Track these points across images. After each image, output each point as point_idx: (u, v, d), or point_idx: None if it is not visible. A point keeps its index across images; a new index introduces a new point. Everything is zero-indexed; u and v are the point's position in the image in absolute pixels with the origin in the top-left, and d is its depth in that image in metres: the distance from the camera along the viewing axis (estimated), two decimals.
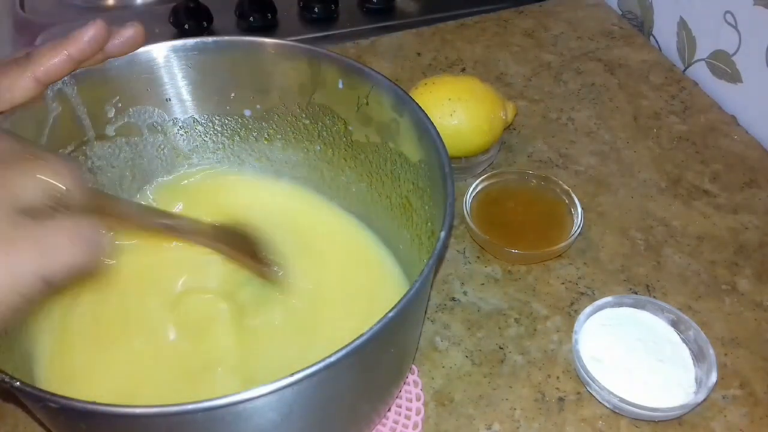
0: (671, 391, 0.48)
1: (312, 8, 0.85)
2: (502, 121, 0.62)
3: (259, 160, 0.55)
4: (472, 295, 0.56)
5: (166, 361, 0.45)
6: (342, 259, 0.52)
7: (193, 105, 0.51)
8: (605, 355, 0.50)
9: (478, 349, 0.53)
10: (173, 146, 0.53)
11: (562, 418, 0.49)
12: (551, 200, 0.61)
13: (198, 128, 0.53)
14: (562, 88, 0.75)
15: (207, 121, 0.52)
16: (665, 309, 0.52)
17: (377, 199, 0.51)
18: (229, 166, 0.55)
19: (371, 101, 0.47)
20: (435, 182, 0.41)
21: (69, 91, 0.45)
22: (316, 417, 0.36)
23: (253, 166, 0.55)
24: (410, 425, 0.47)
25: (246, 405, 0.30)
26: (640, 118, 0.72)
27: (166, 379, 0.44)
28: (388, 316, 0.32)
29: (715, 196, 0.64)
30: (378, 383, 0.40)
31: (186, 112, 0.51)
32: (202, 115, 0.52)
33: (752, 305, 0.56)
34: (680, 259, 0.59)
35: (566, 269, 0.58)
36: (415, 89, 0.62)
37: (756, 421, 0.49)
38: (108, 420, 0.31)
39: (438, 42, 0.81)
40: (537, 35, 0.83)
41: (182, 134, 0.52)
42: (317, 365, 0.30)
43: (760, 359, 0.52)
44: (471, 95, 0.61)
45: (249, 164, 0.55)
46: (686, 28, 0.78)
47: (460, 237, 0.60)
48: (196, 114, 0.52)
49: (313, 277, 0.50)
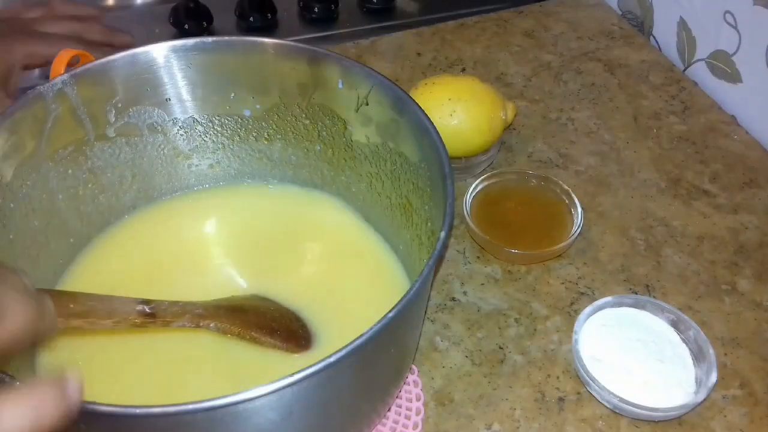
0: (671, 391, 0.48)
1: (312, 8, 0.85)
2: (502, 121, 0.62)
3: (259, 160, 0.55)
4: (472, 295, 0.56)
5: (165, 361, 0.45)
6: (342, 259, 0.52)
7: (193, 105, 0.51)
8: (605, 355, 0.50)
9: (478, 349, 0.53)
10: (173, 146, 0.53)
11: (562, 418, 0.49)
12: (551, 200, 0.61)
13: (198, 128, 0.53)
14: (562, 88, 0.75)
15: (207, 121, 0.52)
16: (665, 309, 0.52)
17: (377, 199, 0.51)
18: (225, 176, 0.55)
19: (371, 101, 0.47)
20: (435, 182, 0.42)
21: (69, 91, 0.45)
22: (316, 417, 0.36)
23: (252, 168, 0.55)
24: (410, 425, 0.47)
25: (246, 405, 0.30)
26: (640, 118, 0.72)
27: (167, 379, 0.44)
28: (388, 316, 0.32)
29: (714, 196, 0.64)
30: (378, 383, 0.40)
31: (186, 112, 0.51)
32: (202, 115, 0.52)
33: (752, 305, 0.56)
34: (680, 259, 0.59)
35: (566, 269, 0.58)
36: (415, 89, 0.62)
37: (756, 421, 0.49)
38: (108, 420, 0.31)
39: (438, 42, 0.81)
40: (537, 35, 0.83)
41: (182, 134, 0.52)
42: (317, 365, 0.30)
43: (760, 359, 0.52)
44: (471, 95, 0.61)
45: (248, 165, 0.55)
46: (686, 28, 0.78)
47: (460, 237, 0.60)
48: (196, 114, 0.52)
49: (312, 277, 0.50)
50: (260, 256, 0.52)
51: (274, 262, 0.51)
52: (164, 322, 0.40)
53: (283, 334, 0.45)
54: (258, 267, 0.51)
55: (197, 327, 0.42)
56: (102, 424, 0.32)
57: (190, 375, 0.44)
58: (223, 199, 0.55)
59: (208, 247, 0.53)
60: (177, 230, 0.53)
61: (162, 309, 0.40)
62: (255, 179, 0.56)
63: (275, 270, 0.50)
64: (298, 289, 0.49)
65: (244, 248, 0.52)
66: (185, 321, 0.41)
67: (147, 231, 0.53)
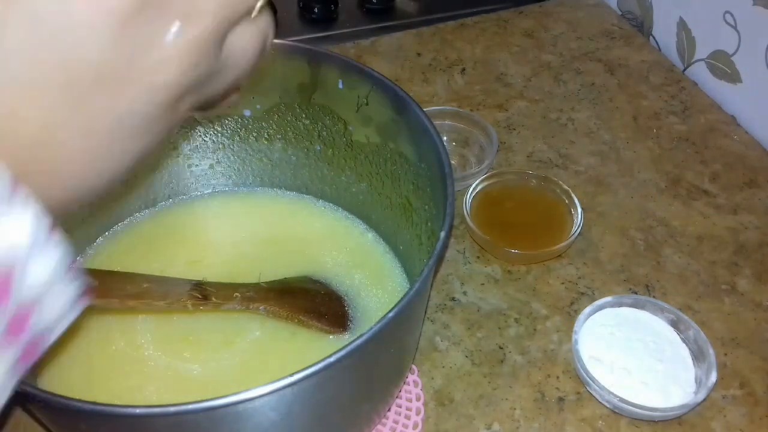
0: (671, 391, 0.48)
1: (312, 8, 0.85)
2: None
3: (259, 160, 0.55)
4: (472, 295, 0.56)
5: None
6: (342, 259, 0.52)
7: None
8: (605, 355, 0.50)
9: (478, 349, 0.53)
10: (173, 146, 0.53)
11: (562, 418, 0.49)
12: (551, 200, 0.61)
13: (198, 128, 0.53)
14: (562, 88, 0.75)
15: (207, 121, 0.52)
16: (665, 309, 0.52)
17: (377, 199, 0.51)
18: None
19: (371, 101, 0.47)
20: (435, 182, 0.42)
21: None
22: (316, 417, 0.36)
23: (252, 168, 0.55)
24: (410, 425, 0.47)
25: (246, 405, 0.30)
26: (640, 118, 0.72)
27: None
28: (388, 316, 0.32)
29: (714, 196, 0.64)
30: (378, 383, 0.40)
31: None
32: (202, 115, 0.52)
33: (752, 305, 0.56)
34: (680, 259, 0.59)
35: (566, 269, 0.58)
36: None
37: (756, 421, 0.49)
38: (108, 420, 0.31)
39: (438, 42, 0.81)
40: (537, 35, 0.83)
41: (182, 134, 0.52)
42: (317, 365, 0.30)
43: (759, 359, 0.52)
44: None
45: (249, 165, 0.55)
46: (686, 28, 0.78)
47: (460, 237, 0.60)
48: (196, 114, 0.52)
49: (312, 277, 0.50)
50: (260, 257, 0.52)
51: (274, 263, 0.51)
52: (215, 304, 0.41)
53: (331, 318, 0.45)
54: (258, 268, 0.51)
55: (247, 309, 0.43)
56: (102, 424, 0.32)
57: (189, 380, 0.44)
58: (222, 204, 0.55)
59: (206, 249, 0.53)
60: (175, 232, 0.53)
61: (213, 291, 0.41)
62: (253, 185, 0.56)
63: (275, 271, 0.50)
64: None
65: (243, 250, 0.52)
66: (235, 303, 0.42)
67: (147, 233, 0.53)
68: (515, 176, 0.63)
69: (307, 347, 0.45)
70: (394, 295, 0.49)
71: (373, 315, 0.47)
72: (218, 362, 0.45)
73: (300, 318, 0.45)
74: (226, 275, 0.48)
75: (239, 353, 0.45)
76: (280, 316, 0.45)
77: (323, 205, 0.55)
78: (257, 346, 0.45)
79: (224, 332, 0.46)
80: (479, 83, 0.75)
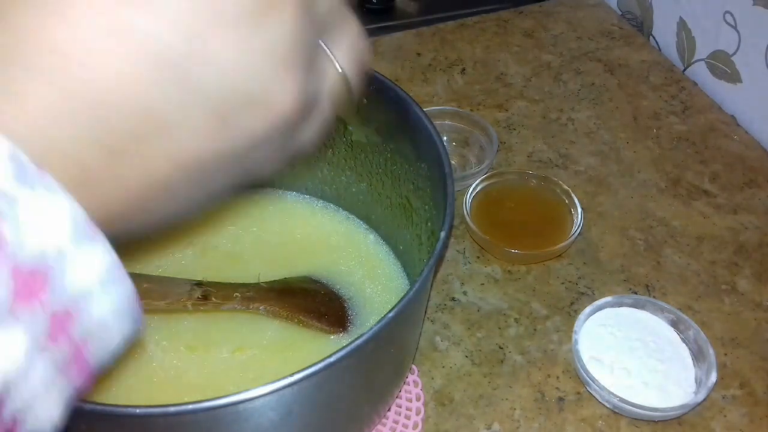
0: (671, 391, 0.48)
1: None
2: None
3: None
4: (472, 295, 0.56)
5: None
6: (342, 259, 0.52)
7: None
8: (605, 355, 0.50)
9: (478, 349, 0.53)
10: None
11: (562, 418, 0.49)
12: (551, 200, 0.61)
13: None
14: (562, 88, 0.75)
15: None
16: (665, 309, 0.52)
17: (377, 200, 0.51)
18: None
19: (371, 101, 0.47)
20: (435, 182, 0.41)
21: None
22: (316, 417, 0.36)
23: None
24: (410, 425, 0.47)
25: (246, 405, 0.30)
26: (640, 118, 0.72)
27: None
28: (388, 316, 0.32)
29: (714, 196, 0.64)
30: (378, 383, 0.40)
31: None
32: None
33: (752, 305, 0.56)
34: (680, 259, 0.59)
35: (566, 269, 0.58)
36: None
37: (756, 421, 0.49)
38: (108, 420, 0.31)
39: (438, 42, 0.81)
40: (537, 35, 0.83)
41: None
42: (317, 365, 0.30)
43: (759, 359, 0.52)
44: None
45: None
46: (686, 28, 0.78)
47: (460, 237, 0.60)
48: None
49: (312, 277, 0.50)
50: (260, 257, 0.52)
51: (274, 263, 0.51)
52: (215, 304, 0.42)
53: (331, 318, 0.46)
54: (258, 269, 0.51)
55: (247, 309, 0.43)
56: (102, 424, 0.32)
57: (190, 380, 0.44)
58: (221, 204, 0.55)
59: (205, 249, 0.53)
60: (174, 233, 0.53)
61: (213, 291, 0.41)
62: (252, 185, 0.56)
63: (275, 271, 0.50)
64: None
65: (243, 249, 0.52)
66: (236, 303, 0.43)
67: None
68: (515, 176, 0.63)
69: (307, 347, 0.45)
70: (394, 295, 0.49)
71: (373, 315, 0.47)
72: (218, 362, 0.45)
73: (300, 318, 0.45)
74: (226, 275, 0.48)
75: (239, 353, 0.45)
76: (280, 316, 0.45)
77: (323, 205, 0.55)
78: (257, 346, 0.45)
79: (224, 332, 0.46)
80: (479, 83, 0.75)
